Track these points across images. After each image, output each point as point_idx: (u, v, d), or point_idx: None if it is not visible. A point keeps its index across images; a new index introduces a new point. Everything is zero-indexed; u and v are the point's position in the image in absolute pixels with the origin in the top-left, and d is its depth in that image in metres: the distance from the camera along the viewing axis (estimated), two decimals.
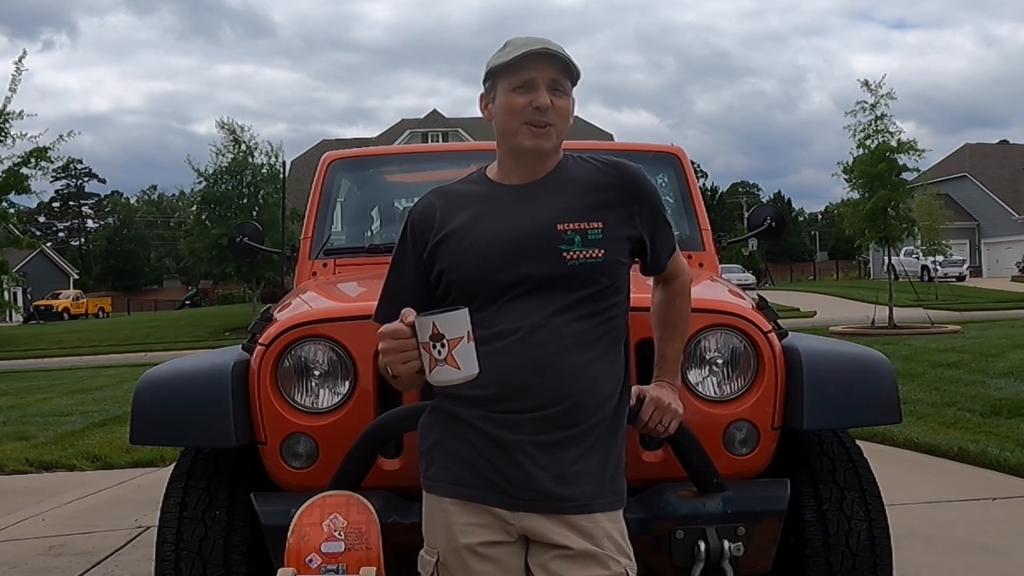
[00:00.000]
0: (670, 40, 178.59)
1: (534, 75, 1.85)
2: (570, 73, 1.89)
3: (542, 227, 1.84)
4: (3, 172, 17.89)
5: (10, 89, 17.46)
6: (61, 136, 18.30)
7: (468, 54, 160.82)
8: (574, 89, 1.93)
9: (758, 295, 2.82)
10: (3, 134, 17.51)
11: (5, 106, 17.43)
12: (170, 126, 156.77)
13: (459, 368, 1.67)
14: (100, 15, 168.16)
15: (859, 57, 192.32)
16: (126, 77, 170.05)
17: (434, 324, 1.66)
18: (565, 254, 1.82)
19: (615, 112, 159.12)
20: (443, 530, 1.86)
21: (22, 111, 17.56)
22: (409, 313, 1.71)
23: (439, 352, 1.67)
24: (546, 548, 1.81)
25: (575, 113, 1.99)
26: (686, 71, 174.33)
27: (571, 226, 1.84)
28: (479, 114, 2.02)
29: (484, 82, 1.95)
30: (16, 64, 17.65)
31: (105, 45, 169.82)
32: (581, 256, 1.83)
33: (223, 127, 30.30)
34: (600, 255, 1.84)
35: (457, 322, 1.68)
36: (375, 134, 56.41)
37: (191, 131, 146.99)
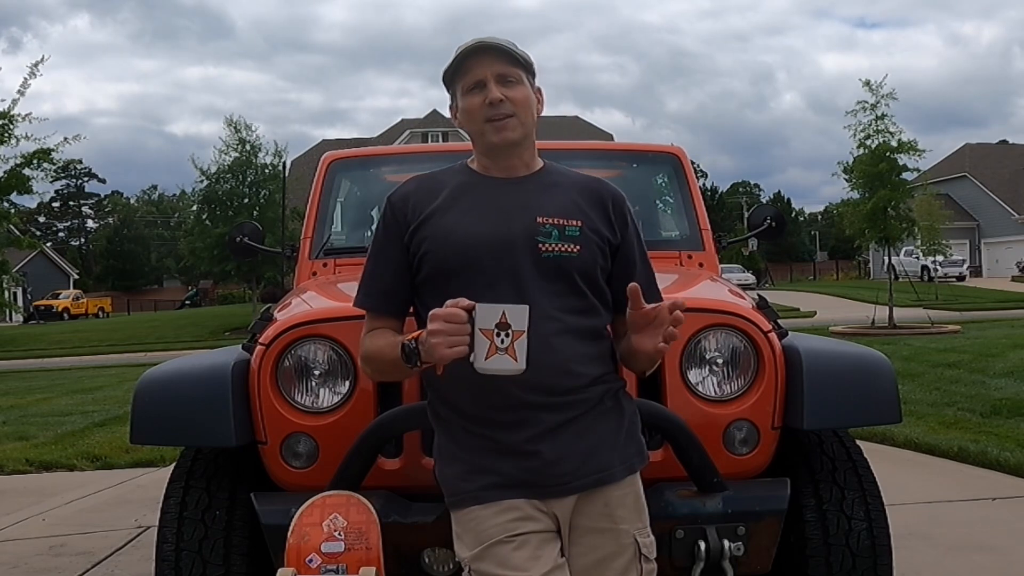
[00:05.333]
0: (634, 41, 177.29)
1: (480, 72, 1.88)
2: (517, 62, 1.90)
3: (523, 218, 1.87)
4: (5, 172, 17.92)
5: (18, 92, 17.51)
6: (66, 139, 18.34)
7: (430, 55, 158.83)
8: (537, 80, 1.96)
9: (758, 295, 2.83)
10: (8, 135, 17.53)
11: (11, 108, 17.48)
12: (145, 127, 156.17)
13: (516, 360, 1.71)
14: (62, 21, 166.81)
15: (827, 56, 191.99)
16: (94, 79, 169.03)
17: (504, 313, 1.70)
18: (541, 246, 1.86)
19: (587, 112, 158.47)
20: (473, 534, 1.84)
21: (29, 114, 17.65)
22: (463, 299, 1.73)
23: (502, 341, 1.71)
24: (575, 527, 1.86)
25: (546, 108, 2.01)
26: (653, 71, 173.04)
27: (551, 220, 1.88)
28: None
29: (448, 92, 1.98)
30: (31, 68, 17.73)
31: (71, 49, 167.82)
32: (556, 249, 1.86)
33: (230, 124, 30.29)
34: (575, 250, 1.86)
35: (523, 315, 1.72)
36: (375, 134, 56.42)
37: (167, 132, 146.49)
